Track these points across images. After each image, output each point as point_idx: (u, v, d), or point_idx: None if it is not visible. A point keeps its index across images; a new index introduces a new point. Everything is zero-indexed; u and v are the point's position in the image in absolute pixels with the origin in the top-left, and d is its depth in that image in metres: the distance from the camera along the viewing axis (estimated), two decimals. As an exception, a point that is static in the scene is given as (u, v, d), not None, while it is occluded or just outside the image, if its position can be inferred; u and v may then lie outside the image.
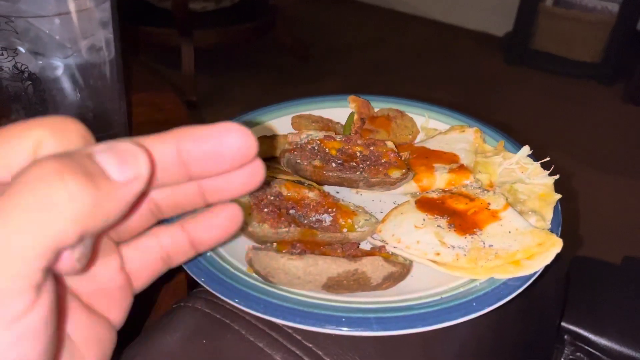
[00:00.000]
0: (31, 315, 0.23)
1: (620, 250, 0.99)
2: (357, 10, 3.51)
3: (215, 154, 0.28)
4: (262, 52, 2.91)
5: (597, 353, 0.76)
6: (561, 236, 0.54)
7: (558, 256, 0.51)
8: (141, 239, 0.33)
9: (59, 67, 0.57)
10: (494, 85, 2.74)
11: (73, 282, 0.30)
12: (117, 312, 0.32)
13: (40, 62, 0.56)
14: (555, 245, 0.50)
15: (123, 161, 0.25)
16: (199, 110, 2.39)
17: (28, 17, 0.53)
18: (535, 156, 0.65)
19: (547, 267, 0.51)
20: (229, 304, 0.48)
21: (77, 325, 0.30)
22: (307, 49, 2.95)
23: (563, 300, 0.77)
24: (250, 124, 0.72)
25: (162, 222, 0.34)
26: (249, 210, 0.55)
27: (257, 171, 0.32)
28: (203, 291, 0.52)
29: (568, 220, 0.59)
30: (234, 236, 0.34)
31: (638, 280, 0.86)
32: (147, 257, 0.33)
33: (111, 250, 0.32)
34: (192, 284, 0.70)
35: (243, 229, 0.53)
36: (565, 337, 0.78)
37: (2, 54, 0.54)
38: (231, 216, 0.33)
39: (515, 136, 0.71)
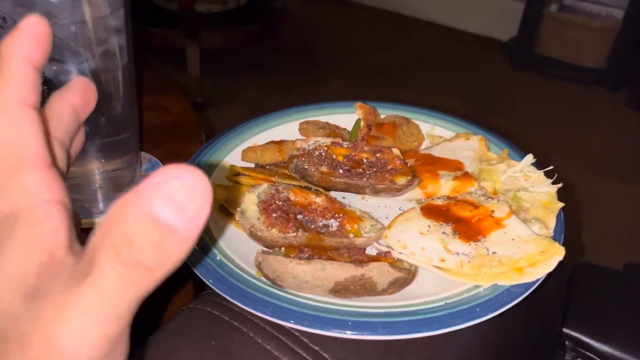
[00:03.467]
0: None
1: (623, 256, 1.00)
2: (362, 14, 3.52)
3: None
4: (267, 53, 2.92)
5: (598, 359, 0.76)
6: (564, 244, 0.55)
7: (560, 263, 0.52)
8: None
9: (73, 72, 0.58)
10: (498, 89, 2.75)
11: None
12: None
13: (55, 68, 0.57)
14: (557, 254, 0.51)
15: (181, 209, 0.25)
16: (204, 112, 2.40)
17: (45, 24, 0.54)
18: (539, 163, 0.66)
19: (549, 274, 0.52)
20: (237, 306, 0.50)
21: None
22: (312, 51, 2.97)
23: (565, 306, 0.78)
24: (256, 131, 0.74)
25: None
26: (258, 215, 0.56)
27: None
28: (212, 294, 0.53)
29: (571, 227, 0.60)
30: None
31: (639, 287, 0.86)
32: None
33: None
34: (200, 288, 0.71)
35: (252, 234, 0.54)
36: (567, 342, 0.79)
37: (19, 60, 0.55)
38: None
39: (518, 141, 0.72)
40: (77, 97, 0.38)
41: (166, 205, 0.24)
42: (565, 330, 0.78)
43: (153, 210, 0.24)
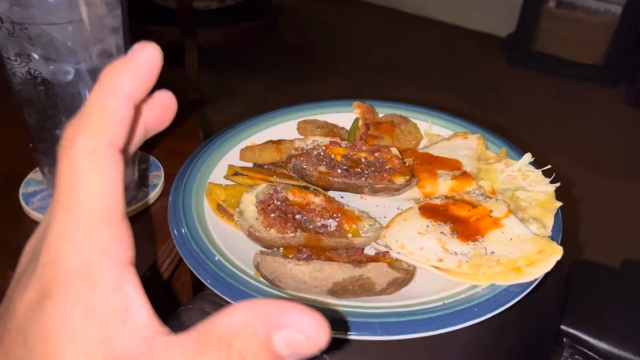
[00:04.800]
0: None
1: (621, 253, 1.00)
2: (360, 10, 3.52)
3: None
4: (265, 51, 2.92)
5: (596, 356, 0.77)
6: (561, 243, 0.55)
7: (558, 262, 0.52)
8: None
9: (70, 72, 0.58)
10: (496, 86, 2.75)
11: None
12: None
13: (52, 68, 0.57)
14: (555, 253, 0.52)
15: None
16: (201, 109, 2.40)
17: (41, 24, 0.54)
18: (536, 161, 0.66)
19: (547, 273, 0.52)
20: (236, 307, 0.50)
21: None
22: (311, 48, 2.96)
23: (563, 303, 0.78)
24: (254, 130, 0.74)
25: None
26: (256, 215, 0.56)
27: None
28: (210, 294, 0.53)
29: (568, 225, 0.60)
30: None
31: (637, 284, 0.87)
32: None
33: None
34: (197, 285, 0.71)
35: (250, 234, 0.54)
36: (564, 339, 0.79)
37: (16, 60, 0.55)
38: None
39: (516, 138, 0.72)
40: (154, 117, 0.34)
41: (286, 346, 0.26)
42: (563, 327, 0.78)
43: (272, 343, 0.26)
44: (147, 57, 0.29)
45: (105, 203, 0.27)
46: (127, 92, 0.28)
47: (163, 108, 0.33)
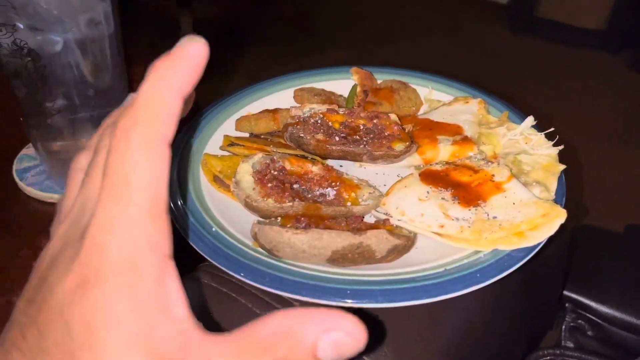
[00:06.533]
0: None
1: (623, 219, 0.99)
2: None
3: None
4: (262, 23, 2.87)
5: (598, 320, 0.77)
6: (565, 206, 0.54)
7: (562, 226, 0.51)
8: None
9: (58, 42, 0.56)
10: (498, 53, 2.71)
11: None
12: None
13: (39, 38, 0.55)
14: (559, 216, 0.50)
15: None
16: (199, 83, 2.37)
17: (25, -9, 0.52)
18: (539, 126, 0.64)
19: (550, 238, 0.51)
20: (235, 278, 0.49)
21: None
22: (309, 19, 2.91)
23: (566, 269, 0.77)
24: (249, 100, 0.72)
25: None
26: (253, 185, 0.55)
27: None
28: (209, 265, 0.53)
29: (572, 190, 0.59)
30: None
31: (639, 249, 0.86)
32: None
33: None
34: (197, 260, 0.71)
35: (247, 204, 0.53)
36: (567, 305, 0.79)
37: (1, 30, 0.53)
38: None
39: (519, 105, 0.71)
40: (189, 87, 0.31)
41: (330, 351, 0.27)
42: (566, 292, 0.78)
43: (317, 350, 0.27)
44: (197, 52, 0.29)
45: (154, 196, 0.28)
46: (179, 87, 0.29)
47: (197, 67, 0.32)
